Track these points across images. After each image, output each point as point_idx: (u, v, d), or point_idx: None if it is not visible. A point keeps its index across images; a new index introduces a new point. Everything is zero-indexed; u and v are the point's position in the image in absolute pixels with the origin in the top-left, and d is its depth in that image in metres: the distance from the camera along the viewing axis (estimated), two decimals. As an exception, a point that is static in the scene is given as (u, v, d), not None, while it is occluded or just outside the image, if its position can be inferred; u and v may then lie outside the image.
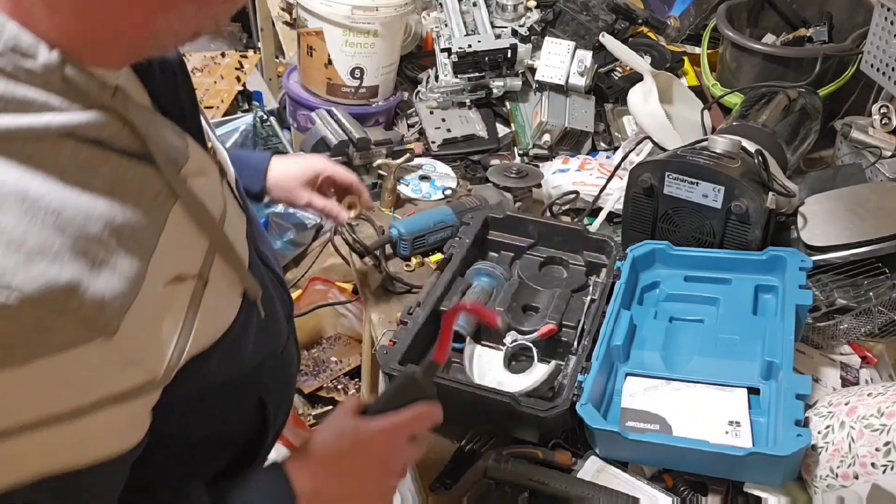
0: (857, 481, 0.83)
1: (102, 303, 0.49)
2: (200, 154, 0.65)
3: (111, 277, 0.50)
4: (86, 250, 0.49)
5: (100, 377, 0.51)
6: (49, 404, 0.49)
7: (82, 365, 0.49)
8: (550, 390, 1.03)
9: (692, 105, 1.62)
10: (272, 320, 0.75)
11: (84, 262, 0.49)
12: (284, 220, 2.32)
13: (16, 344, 0.46)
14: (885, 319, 1.10)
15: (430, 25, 1.83)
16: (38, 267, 0.46)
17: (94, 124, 0.51)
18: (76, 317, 0.48)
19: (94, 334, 0.49)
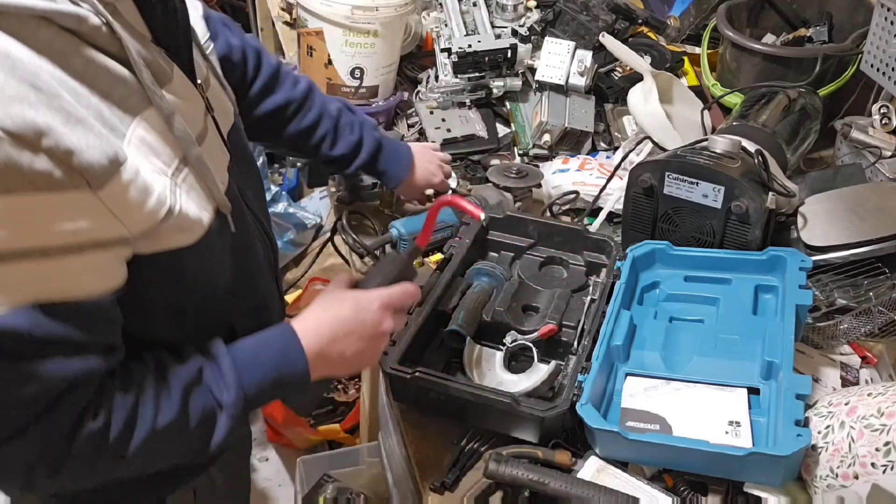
0: (857, 481, 0.83)
1: (80, 155, 0.59)
2: (186, 84, 0.76)
3: (87, 137, 0.60)
4: (60, 108, 0.59)
5: (86, 223, 0.62)
6: (41, 237, 0.59)
7: (71, 209, 0.60)
8: (550, 390, 1.03)
9: (692, 105, 1.62)
10: (248, 254, 0.86)
11: (59, 116, 0.59)
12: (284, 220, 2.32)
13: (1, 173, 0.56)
14: (885, 319, 1.10)
15: (430, 25, 1.83)
16: (16, 108, 0.56)
17: (73, 16, 0.60)
18: (54, 158, 0.58)
19: (80, 183, 0.60)
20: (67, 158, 0.59)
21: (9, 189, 0.57)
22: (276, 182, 2.69)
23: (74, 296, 0.63)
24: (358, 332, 0.83)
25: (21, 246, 0.59)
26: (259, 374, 0.77)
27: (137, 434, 0.70)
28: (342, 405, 2.14)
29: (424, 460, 1.01)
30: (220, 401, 0.75)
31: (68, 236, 0.61)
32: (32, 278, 0.60)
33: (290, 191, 2.64)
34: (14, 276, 0.59)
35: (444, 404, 1.01)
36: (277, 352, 0.79)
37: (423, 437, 1.04)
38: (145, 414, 0.71)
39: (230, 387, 0.75)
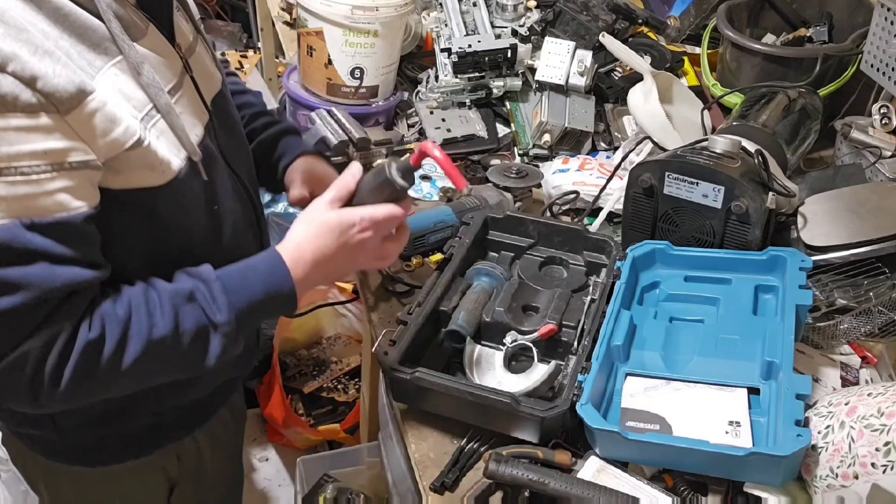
0: (857, 481, 0.83)
1: (46, 80, 0.65)
2: (161, 42, 0.81)
3: (54, 66, 0.66)
4: (27, 41, 0.65)
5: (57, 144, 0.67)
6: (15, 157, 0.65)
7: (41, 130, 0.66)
8: (550, 390, 1.03)
9: (692, 105, 1.62)
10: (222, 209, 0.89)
11: (26, 47, 0.65)
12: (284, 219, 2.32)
13: None
14: (885, 319, 1.10)
15: (430, 25, 1.83)
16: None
17: None
18: (21, 80, 0.64)
19: (48, 107, 0.66)
20: (33, 82, 0.64)
21: None
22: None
23: (52, 213, 0.68)
24: (339, 256, 0.87)
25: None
26: (248, 295, 0.82)
27: (132, 346, 0.75)
28: (342, 405, 2.14)
29: (424, 460, 1.01)
30: (213, 320, 0.79)
31: (40, 156, 0.66)
32: (8, 195, 0.66)
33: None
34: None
35: (444, 404, 1.01)
36: (265, 274, 0.83)
37: (423, 437, 1.04)
38: (139, 327, 0.75)
39: (222, 307, 0.80)
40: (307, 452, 2.08)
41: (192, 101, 0.85)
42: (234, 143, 0.97)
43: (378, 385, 1.63)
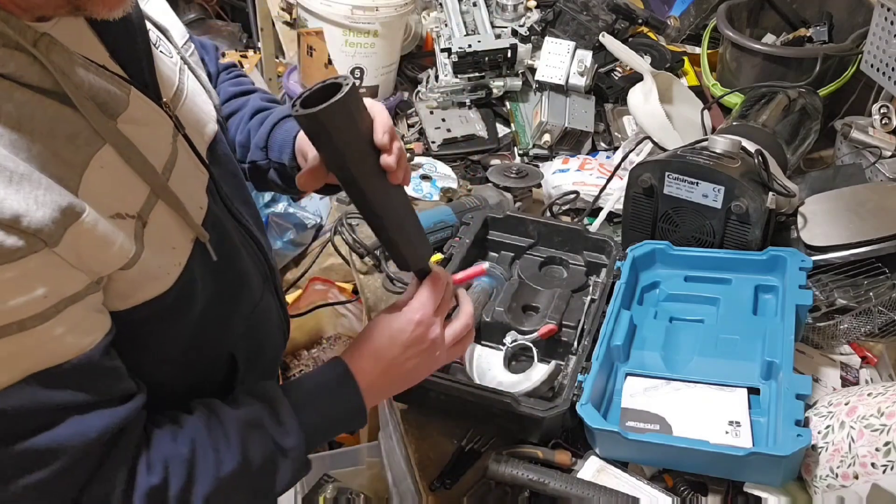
0: (857, 481, 0.83)
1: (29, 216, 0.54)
2: (146, 106, 0.68)
3: (34, 193, 0.55)
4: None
5: (53, 283, 0.57)
6: (13, 312, 0.55)
7: (34, 274, 0.55)
8: (550, 390, 1.03)
9: (692, 105, 1.62)
10: (236, 275, 0.80)
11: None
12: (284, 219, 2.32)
13: None
14: (885, 319, 1.10)
15: (430, 25, 1.83)
16: None
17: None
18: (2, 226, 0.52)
19: (37, 244, 0.55)
20: (16, 223, 0.53)
21: None
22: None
23: (64, 358, 0.59)
24: (403, 357, 0.80)
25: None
26: (316, 415, 0.75)
27: (200, 487, 0.67)
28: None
29: (424, 460, 1.01)
30: (282, 445, 0.72)
31: (40, 302, 0.56)
32: (17, 353, 0.57)
33: (290, 191, 2.63)
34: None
35: (444, 404, 1.01)
36: (332, 394, 0.77)
37: (423, 437, 1.04)
38: (205, 465, 0.68)
39: (291, 431, 0.73)
40: (307, 452, 2.08)
41: (188, 167, 0.74)
42: (236, 190, 0.86)
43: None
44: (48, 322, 0.57)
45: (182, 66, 0.79)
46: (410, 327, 0.80)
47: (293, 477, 0.74)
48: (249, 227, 0.86)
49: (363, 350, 0.80)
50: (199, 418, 0.70)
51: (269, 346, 0.90)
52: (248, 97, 1.02)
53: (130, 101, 0.66)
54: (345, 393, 0.77)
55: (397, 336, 0.80)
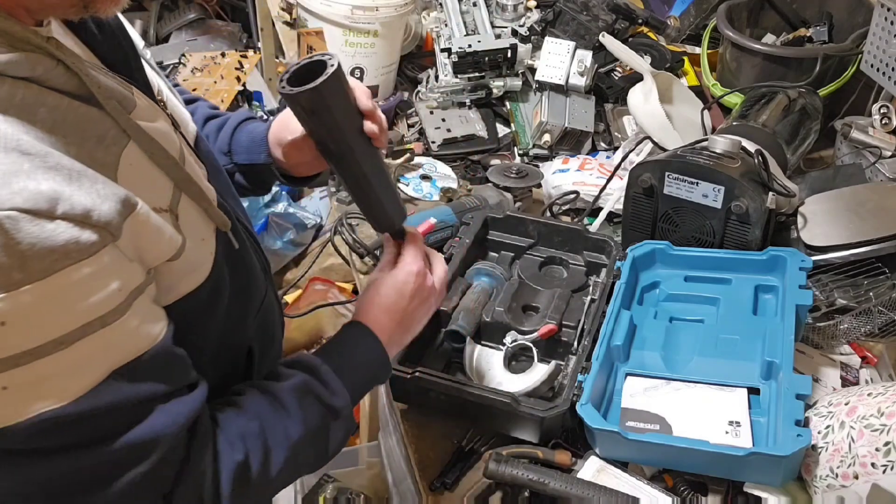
0: (857, 481, 0.83)
1: (97, 209, 0.54)
2: (149, 104, 0.70)
3: (94, 187, 0.55)
4: (56, 167, 0.54)
5: (124, 276, 0.58)
6: (95, 307, 0.56)
7: (108, 267, 0.56)
8: (550, 390, 1.03)
9: (692, 105, 1.62)
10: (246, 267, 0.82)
11: (59, 176, 0.53)
12: (284, 219, 2.32)
13: (32, 257, 0.51)
14: (885, 319, 1.10)
15: (430, 25, 1.83)
16: (17, 183, 0.51)
17: (22, 62, 0.55)
18: (75, 222, 0.53)
19: (107, 237, 0.55)
20: (87, 218, 0.54)
21: (47, 270, 0.52)
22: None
23: (142, 350, 0.61)
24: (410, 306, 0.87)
25: (80, 323, 0.55)
26: (354, 374, 0.80)
27: (275, 456, 0.71)
28: (342, 405, 2.13)
29: (424, 460, 1.01)
30: (334, 406, 0.76)
31: (116, 296, 0.57)
32: (101, 351, 0.57)
33: (291, 191, 2.64)
34: (82, 353, 0.56)
35: (444, 404, 1.01)
36: (357, 346, 0.83)
37: (423, 437, 1.04)
38: (276, 436, 0.71)
39: (338, 392, 0.77)
40: (307, 452, 2.08)
41: (192, 161, 0.75)
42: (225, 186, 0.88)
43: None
44: (125, 315, 0.58)
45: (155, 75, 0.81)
46: (412, 278, 0.87)
47: (346, 436, 0.79)
48: (243, 220, 0.87)
49: (374, 307, 0.85)
50: (255, 396, 0.73)
51: (276, 338, 0.93)
52: (195, 104, 1.04)
53: (136, 98, 0.67)
54: (371, 350, 0.83)
55: (403, 288, 0.86)
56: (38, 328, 0.53)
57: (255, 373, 0.85)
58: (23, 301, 0.52)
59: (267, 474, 0.71)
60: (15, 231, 0.50)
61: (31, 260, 0.51)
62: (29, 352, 0.53)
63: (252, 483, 0.69)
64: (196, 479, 0.65)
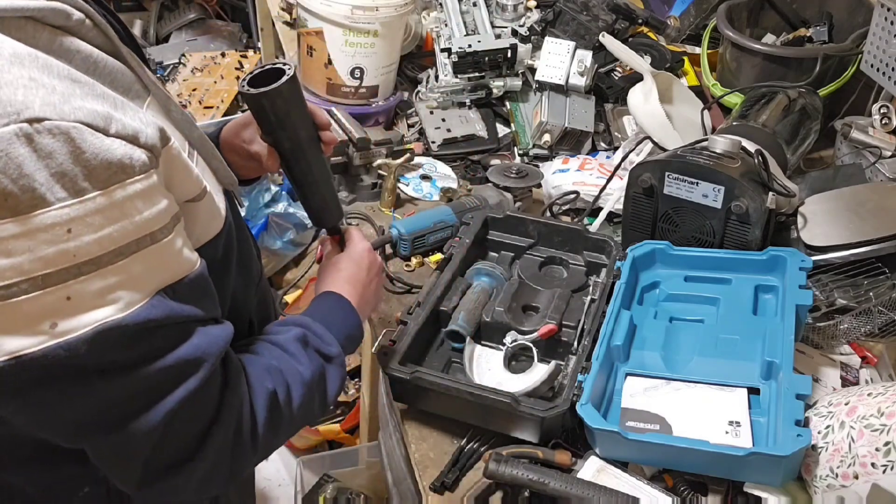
0: (857, 481, 0.83)
1: (143, 133, 0.59)
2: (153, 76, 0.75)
3: (137, 114, 0.60)
4: (103, 95, 0.59)
5: (168, 199, 0.63)
6: (147, 223, 0.60)
7: (155, 188, 0.61)
8: (550, 390, 1.03)
9: (692, 105, 1.62)
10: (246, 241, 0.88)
11: (107, 102, 0.58)
12: (284, 219, 2.32)
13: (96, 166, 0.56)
14: (885, 319, 1.10)
15: (430, 25, 1.83)
16: (75, 102, 0.56)
17: (60, 11, 0.60)
18: (127, 140, 0.58)
19: (153, 161, 0.60)
20: (136, 140, 0.59)
21: (108, 181, 0.57)
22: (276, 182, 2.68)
23: (184, 273, 0.65)
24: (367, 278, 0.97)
25: (136, 235, 0.59)
26: (337, 330, 0.86)
27: (295, 392, 0.76)
28: (342, 405, 2.14)
29: (424, 460, 1.01)
30: (329, 354, 0.83)
31: (163, 215, 0.62)
32: (151, 266, 0.61)
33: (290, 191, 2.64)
34: (136, 267, 0.60)
35: (444, 404, 1.01)
36: (342, 315, 0.90)
37: (423, 437, 1.04)
38: (293, 374, 0.77)
39: (331, 342, 0.83)
40: (307, 452, 2.08)
41: None
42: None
43: (378, 385, 1.63)
44: (171, 235, 0.63)
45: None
46: (367, 254, 0.98)
47: (342, 381, 0.85)
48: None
49: (339, 280, 0.93)
50: (264, 344, 0.80)
51: (271, 318, 0.99)
52: None
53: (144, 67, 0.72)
54: (347, 312, 0.90)
55: (360, 262, 0.96)
56: (100, 238, 0.57)
57: None
58: (88, 208, 0.56)
59: (291, 407, 0.76)
60: (81, 141, 0.55)
61: (96, 169, 0.56)
62: (92, 261, 0.57)
63: (281, 414, 0.74)
64: (236, 404, 0.70)
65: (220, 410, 0.68)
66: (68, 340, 0.57)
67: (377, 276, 0.99)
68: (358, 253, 0.97)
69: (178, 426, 0.66)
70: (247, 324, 0.89)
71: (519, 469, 0.92)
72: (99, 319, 0.58)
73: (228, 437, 0.69)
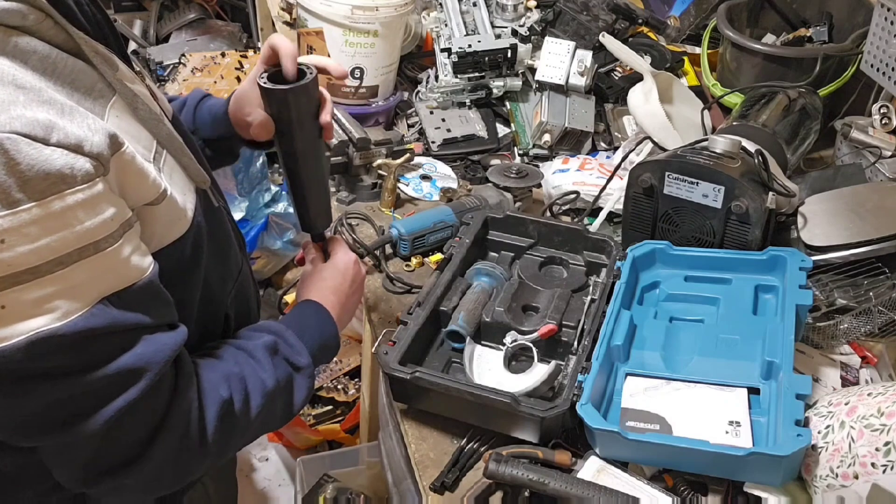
0: (857, 481, 0.83)
1: (88, 141, 0.58)
2: (129, 71, 0.74)
3: (86, 121, 0.59)
4: (50, 101, 0.58)
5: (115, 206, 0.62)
6: (90, 232, 0.59)
7: (101, 196, 0.60)
8: (550, 390, 1.03)
9: (692, 105, 1.62)
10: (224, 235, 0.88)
11: (53, 109, 0.58)
12: (284, 219, 2.32)
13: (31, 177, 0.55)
14: (885, 319, 1.10)
15: (430, 25, 1.83)
16: (15, 110, 0.55)
17: (14, 11, 0.59)
18: (69, 149, 0.57)
19: (99, 168, 0.59)
20: (80, 148, 0.58)
21: (45, 192, 0.56)
22: (276, 182, 2.69)
23: (132, 280, 0.64)
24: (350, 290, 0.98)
25: (77, 245, 0.59)
26: (312, 340, 0.87)
27: (254, 400, 0.76)
28: (342, 405, 2.14)
29: (424, 460, 1.01)
30: (298, 364, 0.83)
31: (109, 224, 0.61)
32: (94, 275, 0.61)
33: (290, 191, 2.64)
34: (77, 276, 0.60)
35: (444, 404, 1.01)
36: (316, 323, 0.90)
37: (423, 437, 1.04)
38: (254, 381, 0.77)
39: (301, 352, 0.84)
40: (307, 452, 2.08)
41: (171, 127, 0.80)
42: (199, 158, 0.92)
43: (378, 385, 1.63)
44: (118, 243, 0.62)
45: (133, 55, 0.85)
46: (351, 265, 1.00)
47: (308, 392, 0.85)
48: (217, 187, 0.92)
49: (322, 289, 0.95)
50: (231, 348, 0.80)
51: (252, 313, 1.00)
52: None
53: (118, 63, 0.71)
54: (325, 323, 0.91)
55: (345, 273, 0.98)
56: (38, 248, 0.57)
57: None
58: (23, 219, 0.55)
59: (248, 415, 0.75)
60: (15, 152, 0.54)
61: (31, 180, 0.55)
62: (29, 270, 0.57)
63: (235, 421, 0.74)
64: (184, 411, 0.69)
65: (166, 416, 0.68)
66: (3, 348, 0.58)
67: (359, 289, 1.01)
68: (343, 263, 0.99)
69: (119, 432, 0.66)
70: (222, 318, 0.89)
71: (519, 469, 0.92)
72: (35, 328, 0.58)
73: (174, 443, 0.69)
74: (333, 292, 0.95)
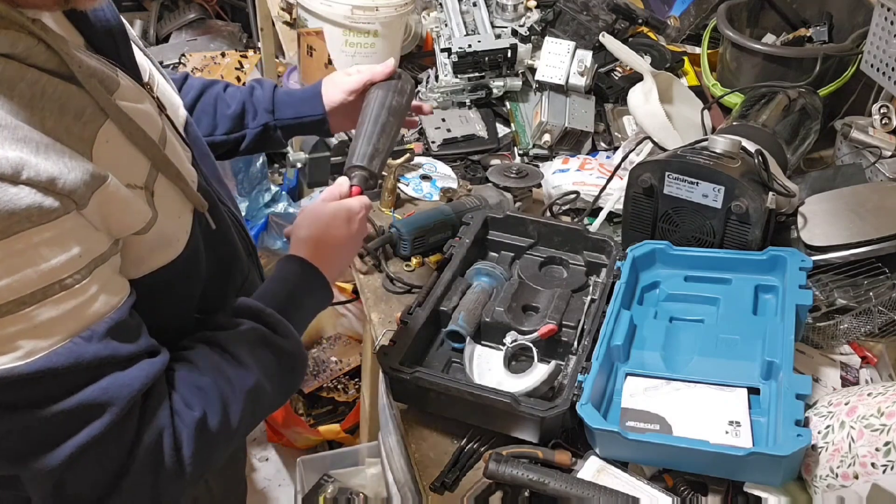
0: (857, 481, 0.83)
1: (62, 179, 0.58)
2: (134, 87, 0.74)
3: (62, 160, 0.59)
4: (25, 139, 0.57)
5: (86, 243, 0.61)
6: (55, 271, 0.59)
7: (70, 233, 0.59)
8: (550, 390, 1.03)
9: (692, 105, 1.62)
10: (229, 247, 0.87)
11: (27, 147, 0.57)
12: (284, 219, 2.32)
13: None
14: (885, 319, 1.10)
15: (430, 25, 1.83)
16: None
17: (2, 40, 0.58)
18: (39, 188, 0.56)
19: (70, 205, 0.59)
20: (52, 186, 0.57)
21: (7, 231, 0.55)
22: (276, 182, 2.69)
23: (103, 317, 0.63)
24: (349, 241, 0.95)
25: (41, 284, 0.58)
26: (298, 312, 0.85)
27: (234, 406, 0.74)
28: (342, 405, 2.14)
29: (424, 460, 1.01)
30: (285, 349, 0.81)
31: (76, 261, 0.60)
32: (59, 314, 0.60)
33: (290, 191, 2.64)
34: (42, 315, 0.59)
35: (444, 404, 1.01)
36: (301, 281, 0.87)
37: (423, 437, 1.04)
38: (232, 386, 0.74)
39: (288, 334, 0.82)
40: (307, 452, 2.08)
41: (176, 143, 0.80)
42: (212, 169, 0.94)
43: (378, 385, 1.63)
44: (85, 281, 0.61)
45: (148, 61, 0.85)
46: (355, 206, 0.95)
47: (301, 369, 0.84)
48: (229, 206, 0.92)
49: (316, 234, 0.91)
50: (205, 351, 0.76)
51: None
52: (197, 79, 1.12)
53: (120, 80, 0.70)
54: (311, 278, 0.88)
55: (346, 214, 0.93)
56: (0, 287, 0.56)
57: None
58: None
59: (228, 426, 0.73)
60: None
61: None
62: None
63: (214, 436, 0.72)
64: (155, 440, 0.67)
65: (135, 450, 0.66)
66: None
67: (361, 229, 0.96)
68: (348, 205, 0.95)
69: (82, 468, 0.64)
70: None
71: (519, 469, 0.92)
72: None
73: (147, 477, 0.67)
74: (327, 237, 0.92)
